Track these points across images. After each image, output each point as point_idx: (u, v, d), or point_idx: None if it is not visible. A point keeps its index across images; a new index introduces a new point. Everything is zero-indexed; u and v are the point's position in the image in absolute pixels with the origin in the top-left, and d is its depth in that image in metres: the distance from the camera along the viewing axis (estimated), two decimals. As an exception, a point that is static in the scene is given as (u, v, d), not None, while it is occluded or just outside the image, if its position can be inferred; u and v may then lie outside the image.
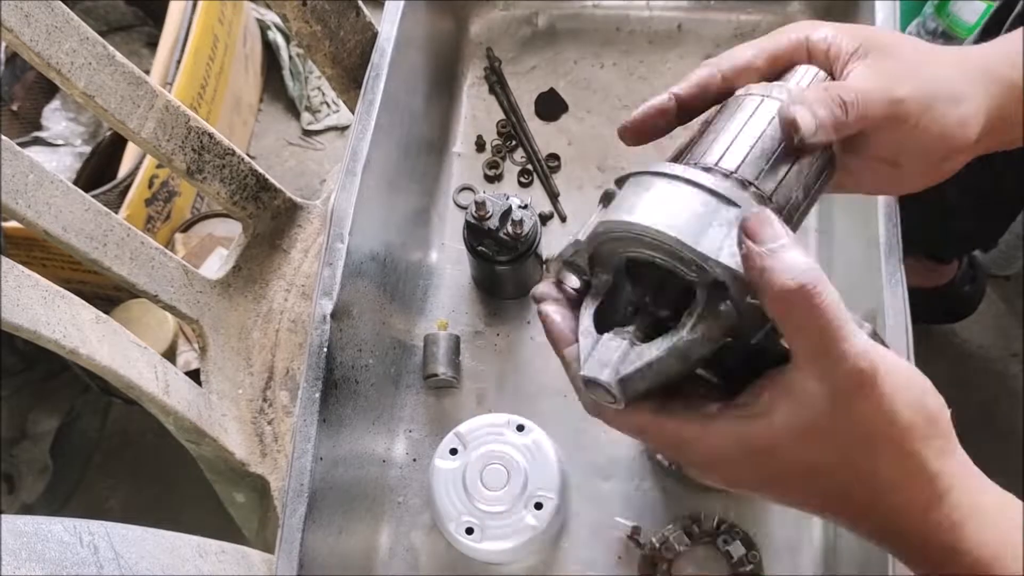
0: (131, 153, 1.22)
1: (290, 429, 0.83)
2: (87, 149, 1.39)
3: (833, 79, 0.50)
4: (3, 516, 0.48)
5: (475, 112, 1.02)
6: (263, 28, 1.59)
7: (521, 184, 0.97)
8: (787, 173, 0.46)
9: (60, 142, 1.41)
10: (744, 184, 0.45)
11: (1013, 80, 0.51)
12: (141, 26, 1.53)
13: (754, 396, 0.42)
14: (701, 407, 0.43)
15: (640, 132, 0.51)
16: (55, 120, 1.43)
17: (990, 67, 0.51)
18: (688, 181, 0.43)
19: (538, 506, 0.75)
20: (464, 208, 0.91)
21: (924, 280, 1.18)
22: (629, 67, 1.02)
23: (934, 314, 1.23)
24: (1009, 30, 0.80)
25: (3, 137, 0.63)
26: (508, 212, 0.83)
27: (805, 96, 0.46)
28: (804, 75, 0.50)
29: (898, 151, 0.50)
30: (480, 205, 0.83)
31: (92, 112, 0.79)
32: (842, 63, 0.50)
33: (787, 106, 0.46)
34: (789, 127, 0.45)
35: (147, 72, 0.95)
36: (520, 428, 0.78)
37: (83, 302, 0.69)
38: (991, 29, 0.87)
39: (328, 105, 1.58)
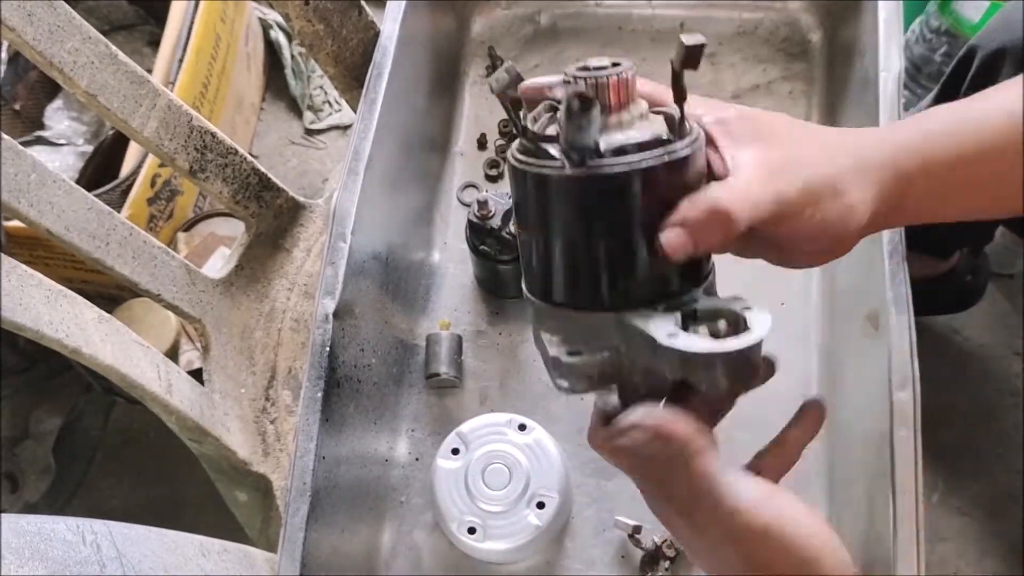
0: (133, 152, 1.22)
1: (292, 428, 0.83)
2: (89, 148, 1.39)
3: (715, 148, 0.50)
4: (6, 515, 0.48)
5: (477, 111, 1.02)
6: (265, 27, 1.59)
7: (523, 183, 0.97)
8: None
9: (62, 141, 1.41)
10: None
11: (900, 167, 0.50)
12: (143, 25, 1.53)
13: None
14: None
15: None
16: (57, 119, 1.42)
17: (882, 155, 0.50)
18: None
19: (540, 505, 0.75)
20: (468, 205, 0.91)
21: (923, 270, 1.18)
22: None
23: (933, 304, 1.22)
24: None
25: (5, 136, 0.63)
26: (510, 211, 0.83)
27: (686, 217, 0.45)
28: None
29: (784, 241, 0.50)
30: (482, 204, 0.83)
31: (94, 111, 0.79)
32: (732, 150, 0.49)
33: (663, 230, 0.45)
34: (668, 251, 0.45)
35: (149, 71, 0.95)
36: (522, 427, 0.78)
37: (86, 301, 0.69)
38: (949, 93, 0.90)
39: (330, 104, 1.58)
